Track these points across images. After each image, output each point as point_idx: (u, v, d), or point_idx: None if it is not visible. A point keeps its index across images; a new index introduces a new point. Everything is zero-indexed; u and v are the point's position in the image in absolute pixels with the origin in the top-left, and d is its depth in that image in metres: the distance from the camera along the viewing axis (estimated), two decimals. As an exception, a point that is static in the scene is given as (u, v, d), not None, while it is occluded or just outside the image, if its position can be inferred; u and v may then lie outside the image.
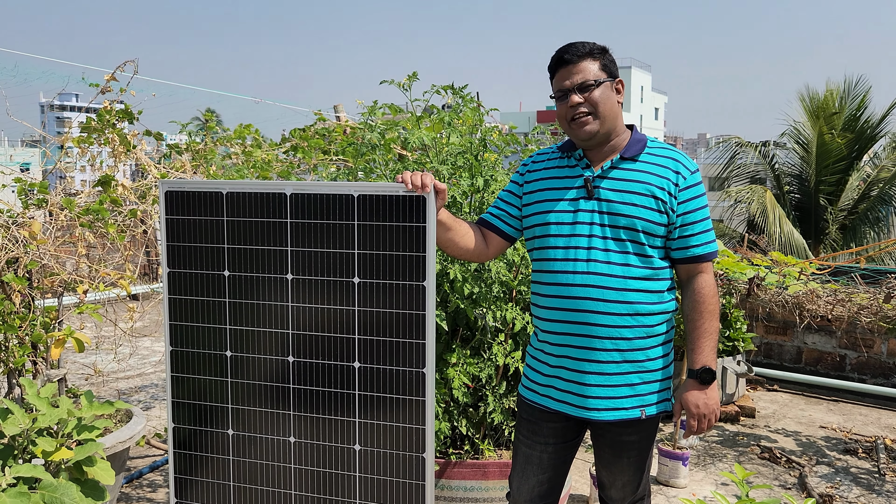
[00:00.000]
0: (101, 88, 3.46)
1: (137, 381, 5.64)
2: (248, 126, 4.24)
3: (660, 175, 2.00)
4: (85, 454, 2.19)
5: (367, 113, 3.36)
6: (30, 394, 2.35)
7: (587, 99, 1.98)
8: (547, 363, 2.10)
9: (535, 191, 2.12)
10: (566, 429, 2.12)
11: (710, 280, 2.05)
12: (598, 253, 1.98)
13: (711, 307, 2.02)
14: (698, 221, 2.01)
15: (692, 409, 2.01)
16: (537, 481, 2.17)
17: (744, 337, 5.05)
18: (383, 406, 2.06)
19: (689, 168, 2.03)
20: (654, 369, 2.04)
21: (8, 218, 3.11)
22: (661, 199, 1.98)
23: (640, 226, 1.96)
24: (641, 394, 2.03)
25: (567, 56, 1.99)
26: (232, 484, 2.21)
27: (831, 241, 15.08)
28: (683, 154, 2.06)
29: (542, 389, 2.12)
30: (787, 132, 16.05)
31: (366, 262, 2.03)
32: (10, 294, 2.97)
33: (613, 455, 2.12)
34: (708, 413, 2.01)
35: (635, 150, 2.03)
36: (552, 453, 2.15)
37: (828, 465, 4.11)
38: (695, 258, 2.03)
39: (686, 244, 2.02)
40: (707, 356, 2.01)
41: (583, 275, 1.98)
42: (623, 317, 1.97)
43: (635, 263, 1.98)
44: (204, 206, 2.15)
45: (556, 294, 2.03)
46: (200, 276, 2.17)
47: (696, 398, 2.01)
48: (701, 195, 2.03)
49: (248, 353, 2.15)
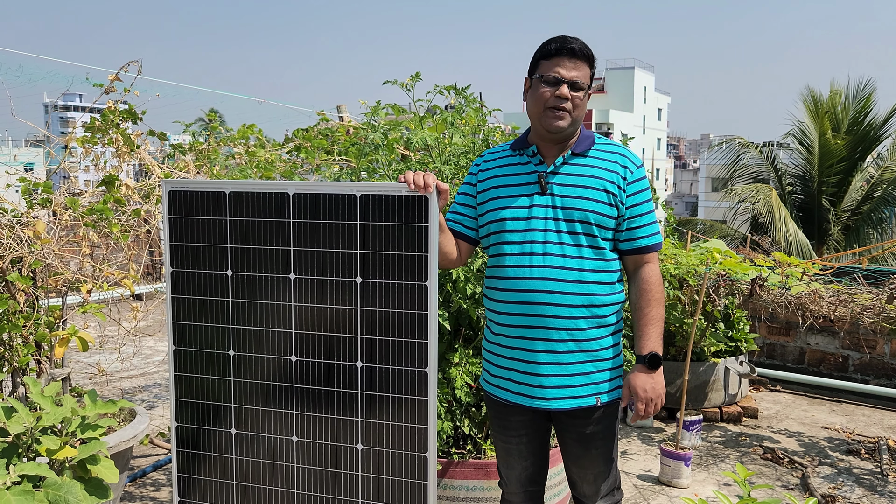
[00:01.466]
0: (105, 89, 3.47)
1: (141, 381, 5.66)
2: (251, 126, 4.25)
3: (609, 170, 2.07)
4: (89, 453, 2.20)
5: (370, 113, 3.37)
6: (34, 392, 2.36)
7: (572, 99, 2.03)
8: (503, 356, 2.16)
9: (489, 188, 2.16)
10: (534, 420, 2.18)
11: (655, 269, 2.13)
12: (553, 247, 2.04)
13: (657, 295, 2.11)
14: (645, 214, 2.10)
15: (640, 393, 2.08)
16: (521, 468, 2.26)
17: (746, 337, 5.05)
18: (386, 406, 2.06)
19: (636, 163, 2.11)
20: (607, 358, 2.11)
21: (12, 217, 3.12)
22: (611, 193, 2.05)
23: (593, 219, 2.03)
24: (595, 381, 2.10)
25: (574, 48, 2.02)
26: (235, 483, 2.22)
27: (834, 241, 15.07)
28: (629, 150, 2.15)
29: (500, 382, 2.18)
30: (791, 133, 16.04)
31: (368, 261, 2.03)
32: (15, 293, 2.98)
33: (580, 448, 2.16)
34: (655, 397, 2.08)
35: (584, 146, 2.10)
36: (527, 443, 2.22)
37: (830, 465, 4.10)
38: (642, 249, 2.11)
39: (633, 236, 2.10)
40: (654, 342, 2.09)
41: (539, 268, 2.04)
42: (578, 308, 2.04)
43: (589, 256, 2.05)
44: (207, 206, 2.15)
45: (513, 288, 2.08)
46: (204, 275, 2.18)
47: (643, 382, 2.08)
48: (646, 189, 2.11)
49: (251, 353, 2.16)
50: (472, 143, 3.02)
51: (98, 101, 3.53)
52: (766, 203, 14.50)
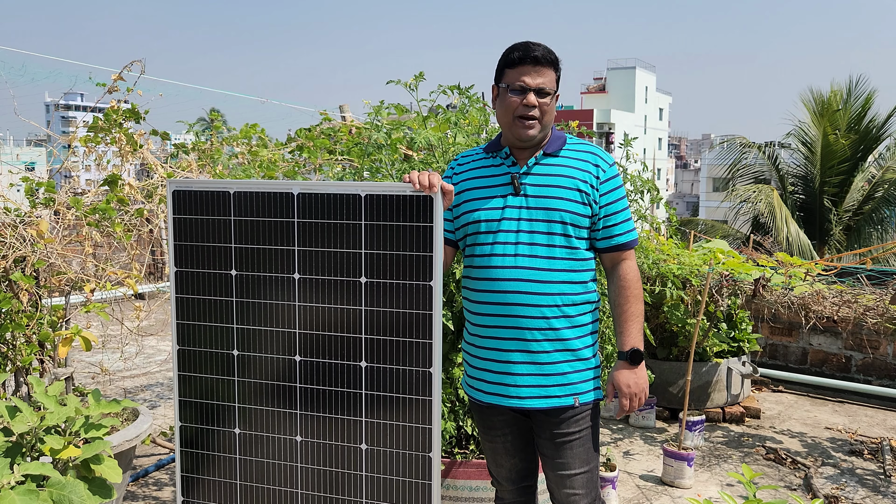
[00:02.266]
0: (108, 88, 3.47)
1: (143, 380, 5.66)
2: (253, 126, 4.25)
3: (581, 169, 2.08)
4: (92, 452, 2.20)
5: (372, 113, 3.37)
6: (38, 392, 2.36)
7: (540, 105, 2.04)
8: (477, 356, 2.17)
9: (463, 191, 2.18)
10: (514, 418, 2.19)
11: (633, 266, 2.14)
12: (524, 247, 2.05)
13: (636, 291, 2.12)
14: (620, 211, 2.11)
15: (623, 388, 2.10)
16: (510, 465, 2.26)
17: (749, 338, 5.04)
18: (390, 405, 2.06)
19: (608, 161, 2.12)
20: (584, 357, 2.11)
21: (15, 217, 3.12)
22: (584, 192, 2.06)
23: (567, 218, 2.04)
24: (574, 382, 2.10)
25: (537, 55, 2.03)
26: (238, 483, 2.21)
27: (836, 242, 15.05)
28: (600, 149, 2.16)
29: (475, 383, 2.19)
30: (792, 133, 16.02)
31: (373, 261, 2.03)
32: (18, 293, 2.98)
33: (555, 449, 2.14)
34: (638, 391, 2.10)
35: (556, 146, 2.11)
36: (512, 441, 2.22)
37: (833, 466, 4.10)
38: (619, 246, 2.12)
39: (610, 233, 2.11)
40: (635, 338, 2.10)
41: (511, 269, 2.06)
42: (550, 307, 2.05)
43: (561, 256, 2.06)
44: (211, 206, 2.15)
45: (486, 289, 2.10)
46: (207, 275, 2.18)
47: (626, 378, 2.09)
48: (619, 186, 2.12)
49: (255, 353, 2.16)
50: (476, 142, 3.02)
51: (101, 101, 3.53)
52: (767, 203, 14.49)
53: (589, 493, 2.15)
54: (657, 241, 4.64)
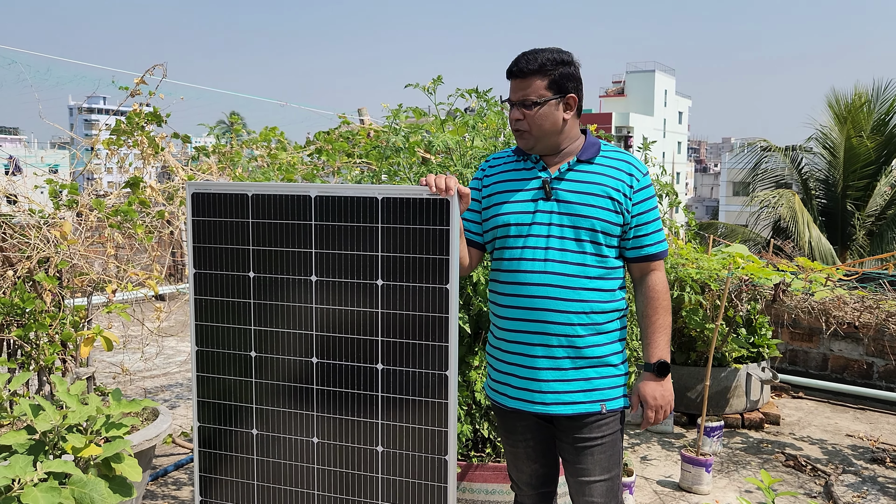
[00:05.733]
0: (130, 91, 3.52)
1: (163, 381, 5.72)
2: (273, 129, 4.28)
3: (615, 177, 2.06)
4: (113, 451, 2.23)
5: (391, 116, 3.38)
6: (60, 391, 2.40)
7: (527, 117, 2.03)
8: (502, 360, 2.15)
9: (494, 193, 2.16)
10: (537, 424, 2.16)
11: (662, 277, 2.12)
12: (554, 252, 2.03)
13: (664, 303, 2.10)
14: (651, 222, 2.09)
15: (650, 400, 2.08)
16: (531, 470, 2.24)
17: (769, 343, 4.99)
18: (406, 408, 2.07)
19: (641, 171, 2.10)
20: (610, 364, 2.08)
21: (40, 218, 3.18)
22: (616, 200, 2.03)
23: (598, 226, 2.02)
24: (600, 388, 2.07)
25: (516, 69, 2.03)
26: (256, 483, 2.23)
27: (858, 246, 14.84)
28: (635, 158, 2.13)
29: (499, 387, 2.17)
30: (814, 136, 15.83)
31: (390, 264, 2.04)
32: (42, 293, 3.03)
33: (577, 454, 2.11)
34: (664, 404, 2.09)
35: (590, 153, 2.09)
36: (533, 447, 2.20)
37: (854, 473, 4.04)
38: (649, 256, 2.10)
39: (640, 244, 2.09)
40: (662, 350, 2.09)
41: (539, 274, 2.03)
42: (578, 314, 2.02)
43: (591, 263, 2.03)
44: (230, 208, 2.17)
45: (513, 293, 2.08)
46: (226, 277, 2.20)
47: (652, 390, 2.08)
48: (652, 196, 2.10)
49: (273, 354, 2.18)
50: (494, 146, 3.02)
51: (124, 104, 3.58)
52: (788, 208, 14.33)
53: (609, 501, 2.12)
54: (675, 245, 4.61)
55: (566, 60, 2.05)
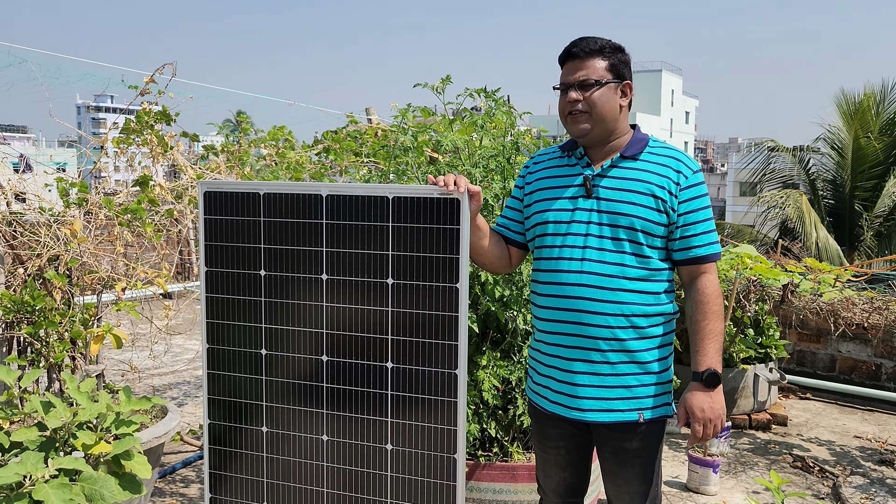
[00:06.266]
0: (139, 90, 3.53)
1: (171, 378, 5.74)
2: (281, 128, 4.29)
3: (660, 174, 1.97)
4: (123, 448, 2.24)
5: (398, 116, 3.38)
6: (70, 388, 2.41)
7: (586, 98, 1.96)
8: (542, 363, 2.10)
9: (535, 190, 2.11)
10: (572, 432, 2.10)
11: (713, 280, 2.00)
12: (592, 252, 1.96)
13: (715, 308, 1.97)
14: (700, 221, 1.97)
15: (697, 413, 1.94)
16: (560, 479, 2.19)
17: (776, 344, 4.98)
18: (415, 407, 2.07)
19: (691, 167, 1.99)
20: (652, 371, 1.99)
21: (50, 216, 3.19)
22: (661, 199, 1.94)
23: (639, 225, 1.94)
24: (639, 396, 1.99)
25: (575, 50, 1.97)
26: (265, 480, 2.24)
27: (866, 247, 14.77)
28: (685, 153, 2.03)
29: (539, 389, 2.12)
30: (822, 137, 15.76)
31: (399, 263, 2.05)
32: (52, 291, 3.04)
33: (617, 464, 2.06)
34: (714, 418, 1.94)
35: (636, 149, 2.00)
36: (565, 455, 2.14)
37: (863, 475, 4.03)
38: (697, 259, 1.99)
39: (688, 244, 1.98)
40: (712, 358, 1.96)
41: (576, 273, 1.97)
42: (616, 317, 1.94)
43: (631, 263, 1.95)
44: (241, 207, 2.18)
45: (551, 293, 2.03)
46: (237, 275, 2.21)
47: (700, 402, 1.94)
48: (703, 195, 1.99)
49: (283, 352, 2.19)
50: (502, 145, 3.02)
51: (133, 103, 3.59)
52: (795, 209, 14.28)
53: None
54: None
55: (622, 48, 2.01)
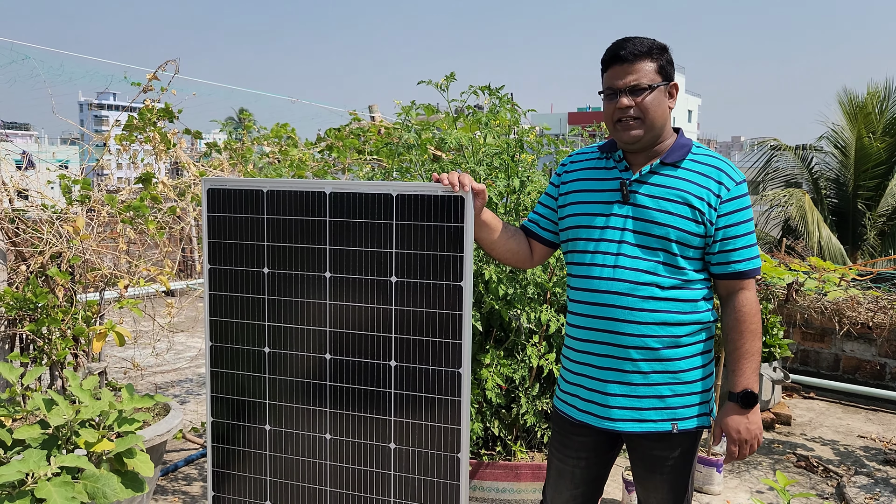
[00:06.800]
0: (142, 87, 3.52)
1: (173, 376, 5.73)
2: (284, 125, 4.28)
3: (700, 184, 1.89)
4: (125, 446, 2.23)
5: (402, 113, 3.37)
6: (73, 386, 2.40)
7: (637, 104, 1.87)
8: (570, 370, 2.05)
9: (570, 192, 2.05)
10: (598, 443, 2.04)
11: (751, 297, 1.92)
12: (625, 259, 1.90)
13: (753, 326, 1.90)
14: (741, 236, 1.89)
15: (733, 434, 1.91)
16: (570, 495, 2.11)
17: (780, 343, 4.96)
18: (419, 405, 2.06)
19: (735, 178, 1.91)
20: (688, 381, 1.93)
21: (52, 213, 3.18)
22: (698, 210, 1.87)
23: (674, 236, 1.87)
24: (673, 406, 1.93)
25: (623, 53, 1.86)
26: (268, 479, 2.23)
27: (869, 247, 14.74)
28: (729, 163, 1.94)
29: (567, 398, 2.06)
30: (826, 135, 15.72)
31: (404, 261, 2.03)
32: (54, 288, 3.03)
33: (646, 470, 2.02)
34: (750, 438, 1.90)
35: (677, 155, 1.93)
36: (584, 468, 2.08)
37: (867, 475, 4.02)
38: (736, 274, 1.91)
39: (727, 259, 1.90)
40: (748, 378, 1.90)
41: (608, 281, 1.91)
42: (649, 325, 1.89)
43: (664, 273, 1.88)
44: (244, 204, 2.17)
45: (582, 300, 1.98)
46: (240, 272, 2.20)
47: (737, 423, 1.90)
48: (745, 207, 1.90)
49: (287, 350, 2.18)
50: (507, 143, 3.01)
51: (136, 100, 3.59)
52: (798, 208, 14.24)
53: None
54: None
55: (666, 48, 1.91)
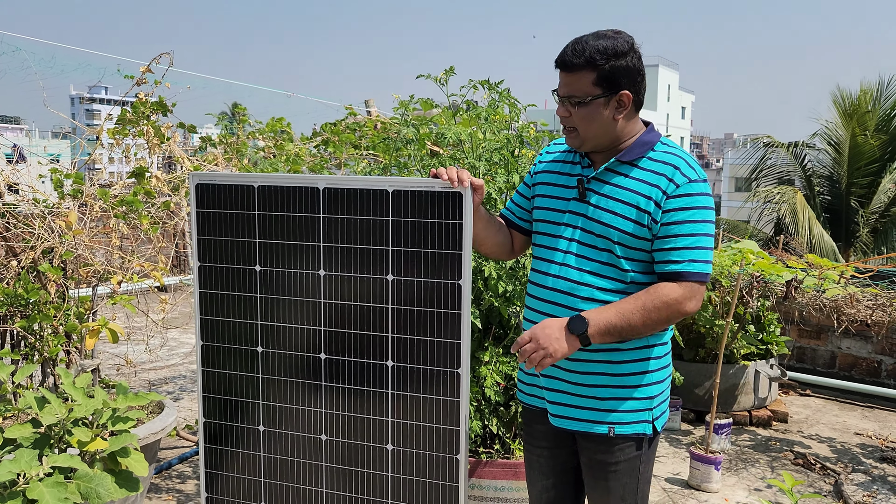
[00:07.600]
0: (136, 80, 3.47)
1: (166, 373, 5.69)
2: (279, 120, 4.24)
3: (651, 183, 1.81)
4: (119, 445, 2.19)
5: (399, 107, 3.33)
6: (66, 384, 2.36)
7: (572, 113, 1.84)
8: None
9: (539, 183, 2.03)
10: (556, 433, 2.02)
11: (676, 291, 1.78)
12: (573, 258, 1.89)
13: (651, 305, 1.77)
14: (685, 235, 1.78)
15: (536, 328, 1.81)
16: (542, 487, 2.11)
17: (777, 340, 4.95)
18: (416, 406, 2.03)
19: (687, 176, 1.80)
20: (628, 385, 1.89)
21: (44, 208, 3.14)
22: (644, 211, 1.80)
23: (615, 237, 1.83)
24: (612, 409, 1.89)
25: (565, 59, 1.81)
26: (263, 480, 2.20)
27: (862, 244, 14.78)
28: (689, 160, 1.84)
29: (523, 387, 2.09)
30: (819, 133, 15.75)
31: (400, 259, 2.00)
32: (46, 284, 2.99)
33: (592, 477, 2.00)
34: (542, 338, 1.78)
35: (636, 154, 1.85)
36: (548, 457, 2.07)
37: (864, 472, 4.01)
38: (671, 274, 1.79)
39: (665, 258, 1.80)
40: (596, 315, 1.79)
41: (555, 278, 1.91)
42: None
43: (607, 274, 1.85)
44: (236, 200, 2.13)
45: (535, 294, 1.97)
46: (231, 270, 2.16)
47: (545, 325, 1.81)
48: (696, 207, 1.79)
49: (280, 349, 2.14)
50: (507, 138, 2.98)
51: (129, 94, 3.54)
52: (789, 206, 14.27)
53: None
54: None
55: (621, 51, 1.78)
